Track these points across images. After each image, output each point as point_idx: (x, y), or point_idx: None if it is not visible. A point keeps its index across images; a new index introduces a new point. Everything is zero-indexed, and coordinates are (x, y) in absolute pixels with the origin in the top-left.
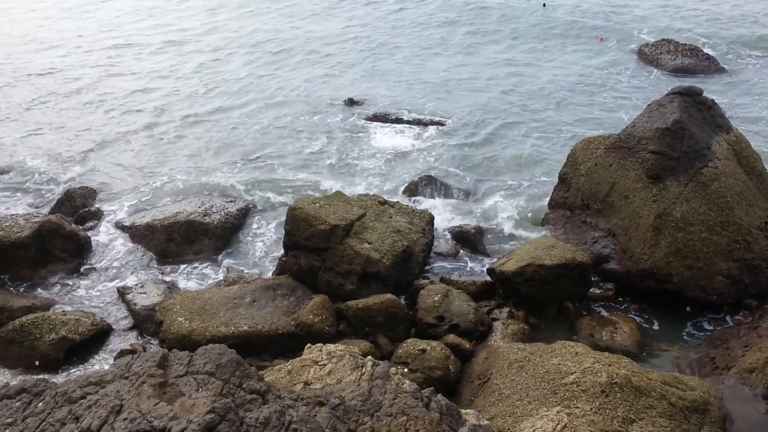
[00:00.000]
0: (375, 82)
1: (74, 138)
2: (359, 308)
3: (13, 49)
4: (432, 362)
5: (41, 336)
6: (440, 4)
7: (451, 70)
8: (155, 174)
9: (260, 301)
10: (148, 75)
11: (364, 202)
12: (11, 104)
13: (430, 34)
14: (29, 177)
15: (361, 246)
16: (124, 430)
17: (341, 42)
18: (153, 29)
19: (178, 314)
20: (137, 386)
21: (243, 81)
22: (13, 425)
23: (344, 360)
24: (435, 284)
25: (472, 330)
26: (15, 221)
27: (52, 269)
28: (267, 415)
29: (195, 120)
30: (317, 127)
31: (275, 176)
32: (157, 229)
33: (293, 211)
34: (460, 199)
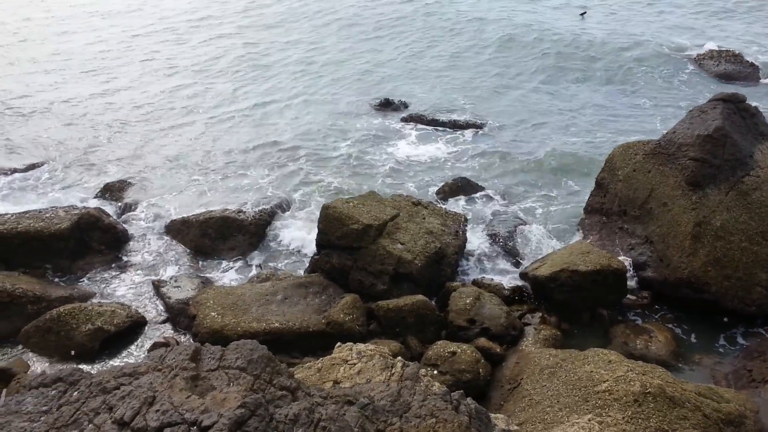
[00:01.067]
0: (411, 81)
1: (114, 132)
2: (390, 308)
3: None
4: (462, 365)
5: (77, 326)
6: (473, 3)
7: (487, 71)
8: (192, 169)
9: (292, 298)
10: (186, 69)
11: (398, 202)
12: (52, 98)
13: (466, 33)
14: (69, 170)
15: (394, 246)
16: (156, 422)
17: (375, 39)
18: (191, 20)
19: (211, 309)
20: (170, 379)
21: (276, 78)
22: (48, 413)
23: (374, 360)
24: (467, 287)
25: (503, 334)
26: (55, 213)
27: (89, 261)
28: (296, 412)
29: (231, 117)
30: (351, 127)
31: (309, 175)
32: (193, 224)
33: (326, 210)
34: (495, 202)
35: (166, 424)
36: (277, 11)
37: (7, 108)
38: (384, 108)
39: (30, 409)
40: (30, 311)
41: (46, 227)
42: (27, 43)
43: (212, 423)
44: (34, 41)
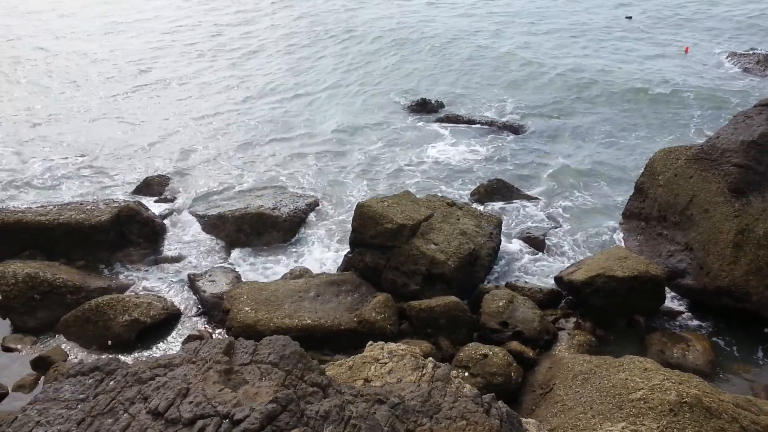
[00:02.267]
0: (448, 81)
1: (155, 128)
2: (422, 309)
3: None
4: (493, 368)
5: (115, 317)
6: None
7: (528, 72)
8: (229, 166)
9: (324, 295)
10: (226, 66)
11: (432, 202)
12: (96, 93)
13: (506, 32)
14: (111, 163)
15: (427, 247)
16: (190, 413)
17: (414, 36)
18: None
19: (245, 304)
20: (204, 371)
21: (308, 74)
22: (85, 401)
23: (405, 360)
24: (500, 289)
25: (537, 338)
26: (96, 205)
27: (128, 253)
28: (327, 409)
29: (269, 114)
30: (387, 126)
31: (344, 174)
32: (228, 219)
33: (361, 209)
34: (530, 205)
35: (199, 416)
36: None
37: (61, 95)
38: (420, 107)
39: (67, 396)
40: (69, 301)
41: (87, 219)
42: (76, 42)
43: (244, 416)
44: (85, 39)
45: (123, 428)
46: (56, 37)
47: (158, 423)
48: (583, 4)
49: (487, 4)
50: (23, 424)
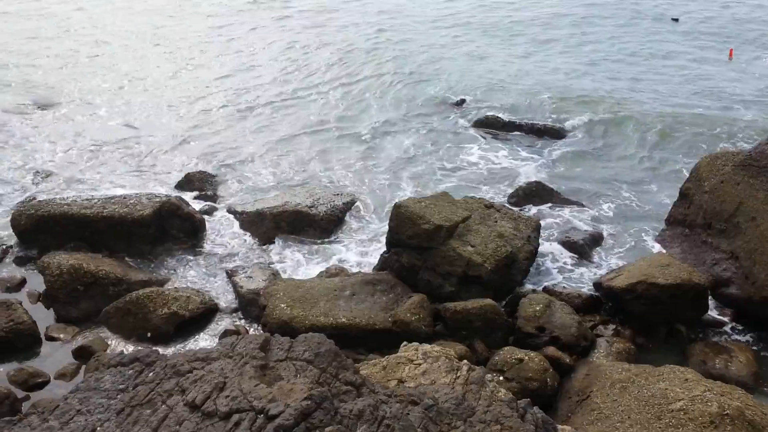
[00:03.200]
0: (488, 81)
1: (197, 123)
2: (457, 311)
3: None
4: (529, 373)
5: (154, 309)
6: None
7: (570, 72)
8: (268, 163)
9: (360, 294)
10: (269, 64)
11: (470, 204)
12: (139, 86)
13: (551, 31)
14: (155, 159)
15: (464, 248)
16: (226, 407)
17: (451, 33)
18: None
19: (281, 300)
20: (240, 366)
21: (342, 72)
22: (125, 391)
23: (439, 361)
24: (537, 293)
25: (574, 344)
26: (138, 200)
27: (168, 247)
28: (361, 408)
29: (309, 110)
30: (425, 126)
31: (381, 173)
32: (266, 216)
33: (398, 209)
34: (570, 209)
35: (234, 410)
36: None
37: (119, 88)
38: (460, 107)
39: (108, 386)
40: (111, 293)
41: (129, 213)
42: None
43: (279, 412)
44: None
45: (161, 420)
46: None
47: (195, 415)
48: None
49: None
50: (64, 412)
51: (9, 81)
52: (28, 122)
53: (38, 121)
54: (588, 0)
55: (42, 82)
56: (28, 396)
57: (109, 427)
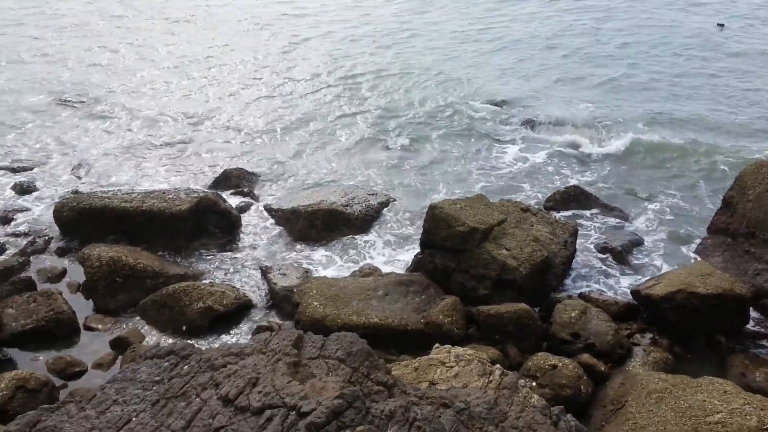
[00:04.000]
0: (525, 83)
1: (236, 121)
2: (491, 314)
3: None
4: (563, 380)
5: (190, 303)
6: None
7: (613, 74)
8: (306, 161)
9: (392, 295)
10: (316, 63)
11: (506, 207)
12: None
13: (592, 31)
14: (194, 155)
15: (499, 252)
16: (258, 402)
17: (493, 33)
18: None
19: (314, 299)
20: (273, 362)
21: (385, 72)
22: (160, 383)
23: (472, 365)
24: (573, 299)
25: (609, 352)
26: (177, 195)
27: (204, 242)
28: (392, 409)
29: (348, 111)
30: (462, 128)
31: (417, 173)
32: (301, 214)
33: (433, 210)
34: (609, 214)
35: (267, 406)
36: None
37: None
38: (498, 110)
39: (144, 377)
40: (148, 285)
41: (168, 207)
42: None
43: (310, 410)
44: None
45: (195, 412)
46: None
47: (228, 409)
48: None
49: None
50: (101, 401)
51: (54, 77)
52: (72, 117)
53: (82, 116)
54: (636, 21)
55: (85, 78)
56: (65, 384)
57: (144, 418)
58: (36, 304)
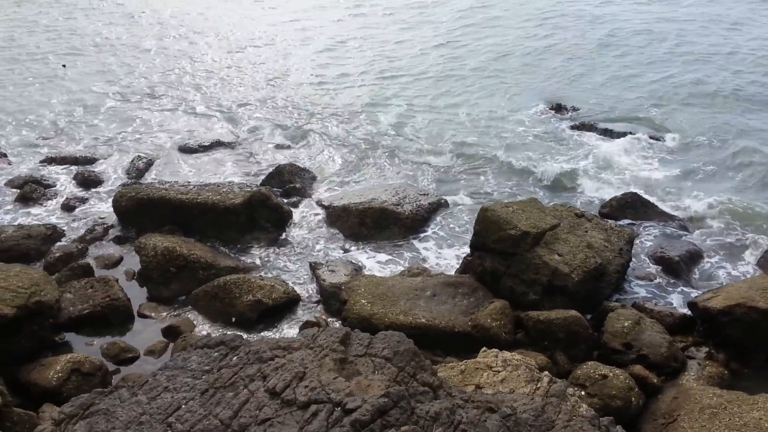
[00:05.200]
0: (585, 84)
1: (295, 118)
2: (540, 320)
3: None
4: (613, 390)
5: (240, 296)
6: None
7: (678, 76)
8: (359, 160)
9: (440, 296)
10: (372, 60)
11: (560, 212)
12: (240, 78)
13: (653, 31)
14: (249, 149)
15: (551, 257)
16: (304, 397)
17: (548, 35)
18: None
19: (362, 296)
20: (320, 358)
21: (435, 71)
22: (210, 373)
23: (519, 370)
24: (626, 309)
25: (663, 364)
26: (231, 188)
27: (255, 236)
28: (438, 410)
29: (403, 111)
30: (517, 130)
31: (470, 174)
32: (352, 212)
33: (485, 213)
34: (667, 223)
35: (313, 401)
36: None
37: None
38: (554, 112)
39: (194, 366)
40: (201, 276)
41: (222, 201)
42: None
43: (356, 407)
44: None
45: (242, 403)
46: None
47: (274, 402)
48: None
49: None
50: (153, 387)
51: (124, 69)
52: (134, 110)
53: (143, 110)
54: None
55: (148, 72)
56: (118, 369)
57: (193, 406)
58: (93, 290)
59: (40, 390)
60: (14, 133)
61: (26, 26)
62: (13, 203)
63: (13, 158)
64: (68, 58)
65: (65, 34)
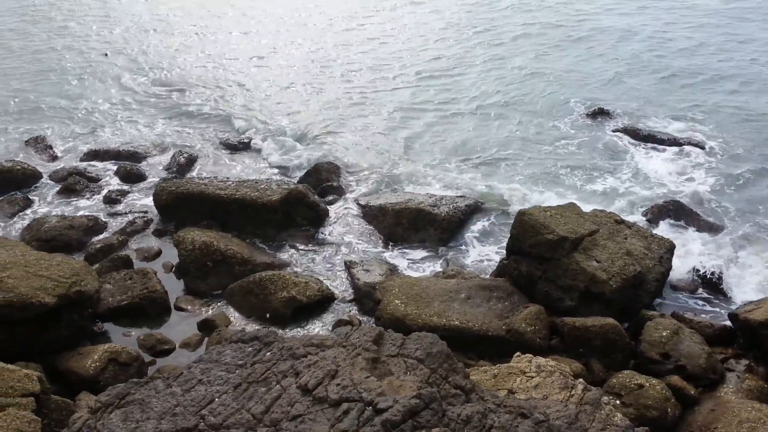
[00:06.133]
0: (630, 87)
1: (332, 116)
2: (576, 327)
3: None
4: (649, 400)
5: (275, 292)
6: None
7: (725, 85)
8: (396, 160)
9: (475, 299)
10: (416, 61)
11: (599, 218)
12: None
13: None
14: (289, 146)
15: (588, 263)
16: (336, 395)
17: (589, 38)
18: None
19: (396, 297)
20: (352, 357)
21: (473, 72)
22: (243, 367)
23: (553, 377)
24: (665, 318)
25: (701, 376)
26: (269, 185)
27: (292, 233)
28: (469, 414)
29: (442, 112)
30: (556, 134)
31: (508, 178)
32: (388, 212)
33: (522, 216)
34: (709, 233)
35: (344, 399)
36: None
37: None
38: (595, 116)
39: (228, 360)
40: (237, 272)
41: (259, 197)
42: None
43: (387, 407)
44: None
45: (274, 398)
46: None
47: (306, 399)
48: None
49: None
50: (187, 380)
51: (164, 64)
52: (176, 105)
53: (186, 105)
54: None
55: (190, 66)
56: (154, 361)
57: (226, 400)
58: (132, 282)
59: (77, 378)
60: (59, 126)
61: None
62: (57, 195)
63: (58, 151)
64: (110, 46)
65: (108, 25)
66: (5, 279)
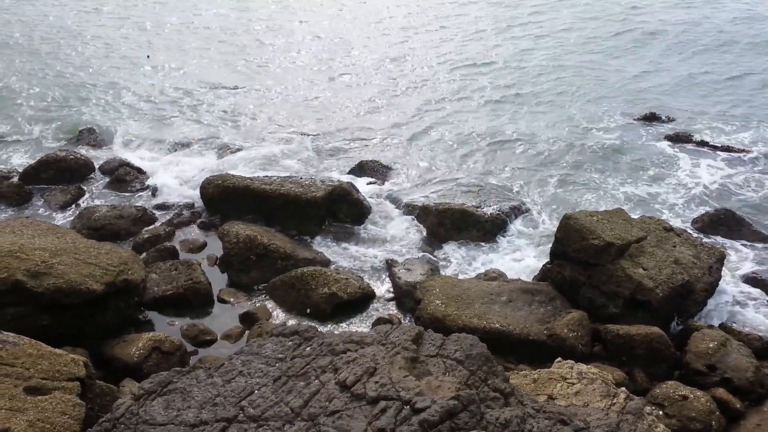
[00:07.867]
0: (682, 94)
1: (377, 114)
2: (620, 334)
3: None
4: (693, 412)
5: (316, 288)
6: None
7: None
8: (441, 160)
9: (516, 302)
10: (465, 58)
11: (647, 224)
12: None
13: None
14: (334, 144)
15: (635, 270)
16: (374, 392)
17: (643, 42)
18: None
19: (436, 297)
20: (391, 355)
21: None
22: (283, 361)
23: (595, 384)
24: (712, 329)
25: (748, 389)
26: (313, 182)
27: (334, 230)
28: (508, 418)
29: (490, 112)
30: (606, 139)
31: (554, 181)
32: (431, 211)
33: (568, 221)
34: (762, 243)
35: (382, 397)
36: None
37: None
38: (647, 121)
39: (269, 353)
40: (279, 266)
41: (303, 193)
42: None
43: (425, 407)
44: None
45: (312, 393)
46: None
47: (344, 395)
48: None
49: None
50: (228, 371)
51: (217, 60)
52: (225, 100)
53: (233, 100)
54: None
55: (242, 63)
56: (196, 351)
57: (265, 392)
58: (177, 272)
59: (121, 365)
60: (108, 118)
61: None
62: (108, 185)
63: (110, 143)
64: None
65: (149, 26)
66: (56, 265)
